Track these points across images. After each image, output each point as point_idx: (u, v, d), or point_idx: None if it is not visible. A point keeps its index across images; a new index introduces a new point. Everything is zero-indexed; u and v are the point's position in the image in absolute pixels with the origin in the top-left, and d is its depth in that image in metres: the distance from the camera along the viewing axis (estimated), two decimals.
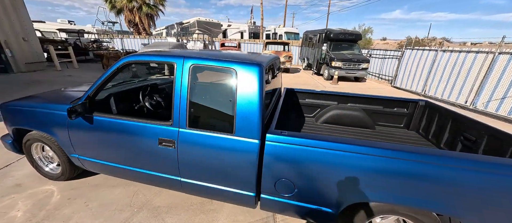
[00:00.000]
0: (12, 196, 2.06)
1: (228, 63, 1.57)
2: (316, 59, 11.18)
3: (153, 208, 2.01)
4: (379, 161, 1.31)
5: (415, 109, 2.82)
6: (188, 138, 1.62)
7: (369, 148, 1.32)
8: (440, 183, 1.26)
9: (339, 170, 1.39)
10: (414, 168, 1.29)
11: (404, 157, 1.28)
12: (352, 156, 1.34)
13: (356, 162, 1.34)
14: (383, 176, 1.32)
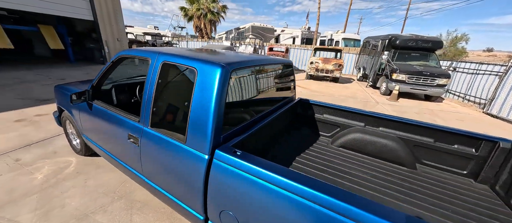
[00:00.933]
0: (45, 160, 2.54)
1: (191, 62, 1.38)
2: (373, 70, 9.54)
3: (130, 200, 2.04)
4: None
5: (492, 153, 1.83)
6: (149, 137, 1.52)
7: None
8: None
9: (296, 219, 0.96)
10: None
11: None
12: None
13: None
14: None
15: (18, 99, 4.51)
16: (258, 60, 1.88)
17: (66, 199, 1.99)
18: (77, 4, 8.91)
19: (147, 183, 1.67)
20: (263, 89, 2.03)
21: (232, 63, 1.37)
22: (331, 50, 11.74)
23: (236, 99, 1.59)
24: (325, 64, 9.98)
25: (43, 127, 3.34)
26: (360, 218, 0.82)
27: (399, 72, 7.63)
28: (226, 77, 1.28)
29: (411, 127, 2.15)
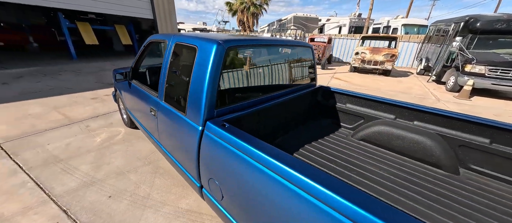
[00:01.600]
0: (104, 129, 3.21)
1: (194, 41, 1.49)
2: (440, 61, 7.82)
3: (156, 166, 2.39)
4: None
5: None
6: (163, 110, 1.74)
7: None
8: None
9: (274, 199, 0.93)
10: None
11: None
12: (295, 191, 0.84)
13: (299, 199, 0.83)
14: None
15: (96, 83, 5.77)
16: (266, 41, 1.84)
17: (112, 159, 2.48)
18: (143, 6, 10.54)
19: (163, 151, 1.91)
20: (272, 72, 1.99)
21: (229, 41, 1.41)
22: (383, 38, 10.22)
23: (236, 78, 1.62)
24: (373, 54, 8.80)
25: (107, 104, 4.20)
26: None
27: (475, 63, 6.04)
28: (221, 54, 1.33)
29: (458, 123, 1.73)
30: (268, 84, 1.97)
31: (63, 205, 1.81)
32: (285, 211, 0.88)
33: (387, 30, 15.48)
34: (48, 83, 5.41)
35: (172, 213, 1.80)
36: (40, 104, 3.98)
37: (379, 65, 8.81)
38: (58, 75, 6.38)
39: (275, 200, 0.91)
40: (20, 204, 1.79)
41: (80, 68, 7.55)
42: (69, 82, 5.67)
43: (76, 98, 4.44)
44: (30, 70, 6.82)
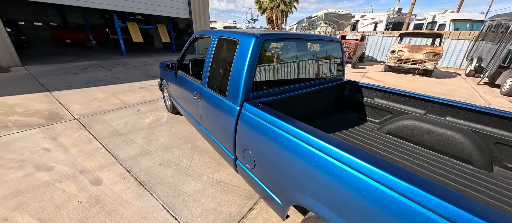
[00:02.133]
0: (151, 113, 3.77)
1: (235, 35, 1.76)
2: (496, 60, 6.88)
3: (194, 145, 2.78)
4: (353, 179, 0.91)
5: None
6: (205, 94, 2.06)
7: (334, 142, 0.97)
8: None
9: (293, 161, 1.15)
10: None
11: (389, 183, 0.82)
12: (320, 156, 1.02)
13: (321, 163, 1.02)
14: (345, 195, 0.94)
15: (142, 75, 6.62)
16: (298, 35, 2.03)
17: (159, 136, 2.95)
18: (182, 6, 11.52)
19: (203, 130, 2.26)
20: (302, 64, 2.16)
21: (265, 35, 1.64)
22: (425, 35, 9.34)
23: (269, 68, 1.85)
24: (412, 52, 8.14)
25: (153, 93, 4.84)
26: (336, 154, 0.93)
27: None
28: (259, 45, 1.58)
29: (495, 119, 1.68)
30: (297, 75, 2.16)
31: (126, 166, 2.29)
32: (305, 173, 1.08)
33: (432, 27, 13.98)
34: (106, 74, 6.42)
35: (208, 182, 2.13)
36: (102, 91, 4.80)
37: (419, 64, 8.12)
38: (113, 68, 7.48)
39: (300, 166, 1.11)
40: (97, 163, 2.33)
41: (129, 63, 8.68)
42: (122, 74, 6.62)
43: (128, 87, 5.22)
44: (92, 63, 8.13)
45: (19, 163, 2.26)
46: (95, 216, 1.68)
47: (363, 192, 0.84)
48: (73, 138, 2.82)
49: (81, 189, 1.95)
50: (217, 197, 1.94)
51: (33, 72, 6.22)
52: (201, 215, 1.75)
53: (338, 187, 0.93)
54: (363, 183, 0.84)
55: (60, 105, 3.86)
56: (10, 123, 3.11)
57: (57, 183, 2.00)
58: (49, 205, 1.76)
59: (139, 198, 1.89)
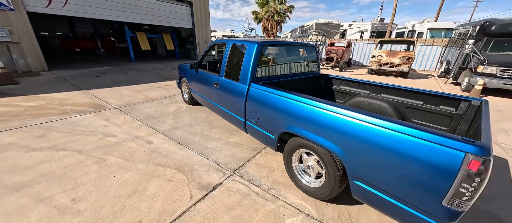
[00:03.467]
0: (173, 104, 4.73)
1: (244, 42, 2.79)
2: (457, 63, 8.13)
3: (211, 124, 3.74)
4: (300, 107, 1.94)
5: (467, 111, 2.24)
6: (223, 82, 3.07)
7: (296, 98, 2.00)
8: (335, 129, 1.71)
9: (280, 108, 2.15)
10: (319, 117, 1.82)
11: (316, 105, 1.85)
12: (289, 101, 2.04)
13: (289, 106, 2.04)
14: (300, 116, 1.95)
15: (156, 77, 7.60)
16: (286, 42, 3.09)
17: (183, 118, 3.92)
18: (185, 18, 12.68)
19: (221, 109, 3.24)
20: (288, 62, 3.21)
21: (264, 42, 2.68)
22: (400, 42, 10.64)
23: (267, 63, 2.89)
24: (390, 57, 9.37)
25: (170, 91, 5.82)
26: (293, 97, 1.95)
27: (487, 64, 6.41)
28: (259, 48, 2.61)
29: (405, 92, 2.73)
30: (285, 69, 3.19)
31: (166, 135, 3.24)
32: (286, 113, 2.07)
33: (412, 34, 15.44)
34: (124, 77, 7.38)
35: (225, 143, 3.09)
36: (127, 89, 5.77)
37: (395, 67, 9.33)
38: (128, 72, 8.45)
39: (284, 110, 2.11)
40: (144, 133, 3.28)
41: (140, 68, 9.66)
42: (137, 77, 7.60)
43: (147, 87, 6.19)
44: (108, 68, 9.08)
45: (91, 133, 3.20)
46: (156, 158, 2.63)
47: (311, 114, 1.84)
48: (120, 119, 3.77)
49: (141, 145, 2.90)
50: (232, 150, 2.91)
51: (61, 75, 7.15)
52: (223, 158, 2.71)
53: (303, 116, 1.93)
54: (309, 110, 1.85)
55: (98, 99, 4.80)
56: (68, 110, 4.05)
57: (123, 142, 2.95)
58: (125, 153, 2.70)
59: (180, 150, 2.85)
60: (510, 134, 3.83)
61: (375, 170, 1.46)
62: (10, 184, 2.06)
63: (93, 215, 1.75)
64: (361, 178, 1.56)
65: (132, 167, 2.42)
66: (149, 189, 2.08)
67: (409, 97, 2.71)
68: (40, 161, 2.45)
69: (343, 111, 1.60)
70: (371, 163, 1.46)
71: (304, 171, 2.17)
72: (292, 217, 1.83)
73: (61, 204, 1.85)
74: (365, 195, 1.58)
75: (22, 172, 2.24)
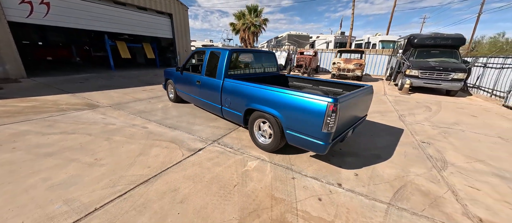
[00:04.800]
0: (160, 102, 5.49)
1: (219, 49, 3.81)
2: (394, 68, 10.12)
3: (195, 115, 4.61)
4: (257, 90, 2.98)
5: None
6: (204, 80, 4.02)
7: (256, 86, 3.04)
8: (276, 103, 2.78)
9: (249, 95, 3.17)
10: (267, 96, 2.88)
11: (263, 89, 2.91)
12: (250, 88, 3.07)
13: (250, 91, 3.07)
14: (264, 99, 2.99)
15: (140, 83, 8.19)
16: (251, 50, 4.19)
17: (171, 112, 4.73)
18: (166, 28, 13.38)
19: (202, 101, 4.16)
20: (254, 64, 4.30)
21: (234, 49, 3.73)
22: (352, 51, 12.64)
23: (237, 65, 3.93)
24: (346, 64, 11.16)
25: (155, 92, 6.53)
26: (251, 85, 2.99)
27: (411, 68, 8.29)
28: (230, 54, 3.65)
29: (331, 84, 3.96)
30: (252, 69, 4.27)
31: (157, 123, 4.04)
32: (249, 95, 3.10)
33: (368, 46, 18.02)
34: (109, 82, 7.84)
35: (206, 126, 4.00)
36: (115, 92, 6.34)
37: (351, 72, 11.13)
38: (111, 78, 8.86)
39: (247, 94, 3.14)
40: (139, 122, 4.03)
41: (123, 75, 10.07)
42: (121, 82, 8.10)
43: (133, 90, 6.81)
44: (90, 75, 9.35)
45: (93, 123, 3.87)
46: (153, 136, 3.43)
47: (262, 95, 2.89)
48: (115, 113, 4.45)
49: (138, 130, 3.67)
50: (212, 130, 3.83)
51: (43, 82, 7.37)
52: (206, 135, 3.61)
53: (258, 96, 2.97)
54: (261, 92, 2.90)
55: (89, 100, 5.36)
56: (64, 108, 4.59)
57: (123, 128, 3.69)
58: (126, 134, 3.46)
59: (171, 131, 3.68)
60: (415, 116, 5.33)
61: (294, 121, 2.53)
62: (41, 153, 2.73)
63: (114, 166, 2.54)
64: (289, 128, 2.62)
65: (135, 141, 3.21)
66: (151, 152, 2.90)
67: (333, 86, 3.94)
68: (58, 140, 3.11)
69: (279, 90, 2.68)
70: (292, 117, 2.54)
71: (262, 135, 3.19)
72: (251, 161, 2.82)
73: (87, 162, 2.60)
74: (292, 137, 2.64)
75: (47, 147, 2.90)
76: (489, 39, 23.06)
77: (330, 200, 2.14)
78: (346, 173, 2.62)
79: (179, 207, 1.94)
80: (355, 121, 3.08)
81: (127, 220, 1.75)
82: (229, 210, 1.94)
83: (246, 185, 2.31)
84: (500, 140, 3.92)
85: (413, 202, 2.15)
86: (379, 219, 1.92)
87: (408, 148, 3.42)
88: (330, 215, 1.93)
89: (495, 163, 3.04)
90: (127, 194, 2.06)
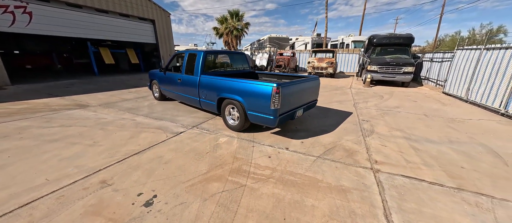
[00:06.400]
0: (146, 101, 6.08)
1: (195, 51, 4.55)
2: (359, 65, 11.38)
3: (178, 110, 5.27)
4: (225, 82, 3.75)
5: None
6: (184, 77, 4.72)
7: (225, 79, 3.81)
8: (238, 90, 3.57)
9: (219, 87, 3.92)
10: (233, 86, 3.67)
11: (229, 81, 3.69)
12: (220, 81, 3.84)
13: (221, 83, 3.83)
14: (230, 89, 3.76)
15: (125, 86, 8.63)
16: (223, 51, 4.96)
17: (156, 108, 5.35)
18: (149, 34, 13.79)
19: (183, 96, 4.86)
20: (228, 63, 5.08)
21: (208, 51, 4.49)
22: (324, 51, 13.86)
23: (212, 63, 4.69)
24: (319, 62, 12.29)
25: (141, 94, 7.07)
26: (221, 78, 3.76)
27: (371, 64, 9.51)
28: (204, 55, 4.40)
29: (289, 77, 4.83)
30: (226, 67, 5.04)
31: (145, 116, 4.66)
32: (221, 87, 3.86)
33: (342, 46, 19.51)
34: (95, 87, 8.23)
35: (188, 117, 4.69)
36: (102, 94, 6.81)
37: (324, 70, 12.26)
38: (96, 83, 9.21)
39: (218, 87, 3.90)
40: (128, 116, 4.63)
41: (107, 80, 10.39)
42: (107, 86, 8.51)
43: (119, 92, 7.30)
44: (75, 81, 9.60)
45: (86, 118, 4.41)
46: (141, 126, 4.07)
47: (229, 85, 3.67)
48: (106, 111, 5.01)
49: (128, 121, 4.28)
50: (193, 120, 4.53)
51: (28, 88, 7.61)
52: (187, 123, 4.31)
53: (227, 87, 3.74)
54: (229, 84, 3.68)
55: (79, 102, 5.83)
56: (57, 108, 5.06)
57: (115, 121, 4.28)
58: (118, 125, 4.07)
59: (157, 121, 4.34)
60: (367, 103, 6.37)
61: (252, 103, 3.33)
62: (46, 139, 3.30)
63: (111, 145, 3.17)
64: (249, 109, 3.41)
65: (126, 129, 3.84)
66: (141, 136, 3.56)
67: (290, 79, 4.81)
68: (59, 131, 3.67)
69: (241, 81, 3.48)
70: (251, 101, 3.34)
71: (232, 119, 3.96)
72: (223, 138, 3.57)
73: (88, 143, 3.21)
74: (252, 116, 3.43)
75: (51, 136, 3.46)
76: (450, 37, 25.99)
77: (277, 157, 2.95)
78: (295, 142, 3.46)
79: (164, 165, 2.65)
80: (304, 103, 3.94)
81: (126, 173, 2.43)
82: (201, 166, 2.67)
83: (216, 152, 3.06)
84: (424, 117, 4.99)
85: (336, 155, 3.02)
86: (307, 164, 2.75)
87: (350, 125, 4.35)
88: (274, 164, 2.74)
89: (409, 131, 4.04)
90: (123, 161, 2.73)
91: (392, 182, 2.40)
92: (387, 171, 2.63)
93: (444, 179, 2.48)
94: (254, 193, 2.16)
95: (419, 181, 2.43)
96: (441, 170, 2.68)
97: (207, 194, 2.13)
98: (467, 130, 4.13)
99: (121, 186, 2.21)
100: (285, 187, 2.28)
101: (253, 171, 2.57)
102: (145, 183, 2.28)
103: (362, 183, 2.37)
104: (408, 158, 2.96)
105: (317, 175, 2.52)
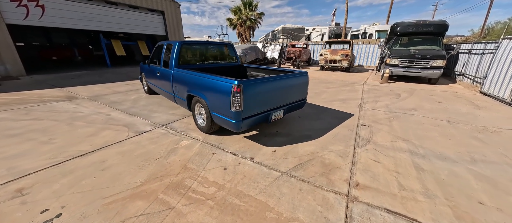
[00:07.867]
0: (135, 94, 5.93)
1: (171, 42, 4.14)
2: (379, 57, 10.02)
3: (160, 104, 5.00)
4: (192, 77, 3.30)
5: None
6: (161, 70, 4.37)
7: (193, 73, 3.36)
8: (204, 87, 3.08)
9: (188, 82, 3.49)
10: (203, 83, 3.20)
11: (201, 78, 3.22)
12: (189, 76, 3.39)
13: (189, 78, 3.39)
14: (196, 85, 3.31)
15: (127, 78, 8.72)
16: (204, 42, 4.48)
17: (140, 102, 5.14)
18: (159, 26, 13.87)
19: (162, 90, 4.53)
20: (209, 55, 4.60)
21: (185, 42, 4.05)
22: (341, 42, 12.52)
23: (187, 55, 4.25)
24: (332, 55, 11.14)
25: (135, 86, 7.00)
26: (195, 74, 3.30)
27: (391, 57, 8.23)
28: (179, 45, 3.97)
29: (278, 71, 4.19)
30: (207, 59, 4.57)
31: (122, 111, 4.46)
32: (191, 83, 3.42)
33: (364, 36, 17.67)
34: (98, 78, 8.43)
35: (165, 114, 4.37)
36: (99, 86, 6.87)
37: (338, 63, 11.11)
38: (103, 75, 9.47)
39: (190, 82, 3.47)
40: (106, 110, 4.47)
41: (115, 72, 10.68)
42: (110, 78, 8.67)
43: (117, 84, 7.32)
44: (85, 72, 10.03)
45: (64, 111, 4.35)
46: (111, 121, 3.85)
47: (194, 82, 3.21)
48: (88, 104, 4.93)
49: (101, 116, 4.10)
50: (169, 117, 4.19)
51: (39, 79, 8.06)
52: (160, 120, 3.99)
53: (193, 83, 3.29)
54: (194, 79, 3.21)
55: (72, 93, 5.90)
56: (46, 100, 5.13)
57: (88, 115, 4.14)
58: (88, 120, 3.90)
59: (130, 118, 4.09)
60: (377, 103, 5.44)
61: (214, 103, 2.83)
62: (7, 134, 3.22)
63: (63, 144, 2.96)
64: (212, 109, 2.92)
65: (93, 126, 3.64)
66: (101, 134, 3.31)
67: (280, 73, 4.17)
68: (27, 125, 3.60)
69: (202, 75, 2.98)
70: (212, 99, 2.84)
71: (202, 118, 3.52)
72: (185, 140, 3.16)
73: (42, 141, 3.04)
74: (215, 118, 2.94)
75: (14, 130, 3.39)
76: (501, 25, 21.63)
77: (234, 169, 2.44)
78: (266, 150, 2.91)
79: (98, 173, 2.32)
80: (285, 104, 3.32)
81: (50, 181, 2.16)
82: (140, 175, 2.29)
83: (168, 158, 2.65)
84: (445, 123, 4.01)
85: (308, 171, 2.41)
86: (266, 182, 2.21)
87: (344, 130, 3.63)
88: (225, 179, 2.25)
89: (418, 142, 3.20)
90: (61, 164, 2.47)
91: (368, 220, 1.76)
92: (367, 200, 1.97)
93: (447, 221, 1.76)
94: (177, 221, 1.71)
95: (409, 221, 1.75)
96: (446, 204, 1.94)
97: (121, 217, 1.73)
98: (502, 145, 3.14)
99: (33, 198, 1.93)
100: (220, 214, 1.79)
101: (195, 188, 2.12)
102: (62, 195, 1.97)
103: (324, 217, 1.77)
104: (403, 182, 2.24)
105: (270, 199, 1.98)
